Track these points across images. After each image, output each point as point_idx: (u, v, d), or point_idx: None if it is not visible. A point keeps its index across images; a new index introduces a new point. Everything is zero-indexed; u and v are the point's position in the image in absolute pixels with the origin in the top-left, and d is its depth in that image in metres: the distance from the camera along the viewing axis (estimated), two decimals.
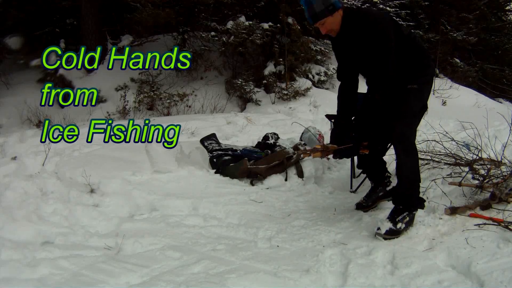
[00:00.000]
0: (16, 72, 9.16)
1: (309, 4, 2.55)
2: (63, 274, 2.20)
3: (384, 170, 3.06)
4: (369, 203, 3.03)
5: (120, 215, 3.05)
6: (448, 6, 12.35)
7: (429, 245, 2.37)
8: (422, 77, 2.64)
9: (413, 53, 2.65)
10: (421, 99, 2.64)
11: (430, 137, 3.92)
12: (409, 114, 2.57)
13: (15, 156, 3.76)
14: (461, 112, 6.57)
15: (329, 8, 2.52)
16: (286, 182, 3.86)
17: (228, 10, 9.28)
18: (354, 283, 2.07)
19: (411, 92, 2.58)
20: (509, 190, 2.68)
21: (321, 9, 2.52)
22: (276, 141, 4.51)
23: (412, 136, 2.60)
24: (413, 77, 2.61)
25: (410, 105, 2.57)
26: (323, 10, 2.52)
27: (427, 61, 2.71)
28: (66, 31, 9.33)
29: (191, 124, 5.45)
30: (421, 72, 2.64)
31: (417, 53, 2.66)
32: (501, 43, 13.18)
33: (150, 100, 7.85)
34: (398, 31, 2.59)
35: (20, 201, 3.01)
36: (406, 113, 2.56)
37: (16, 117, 7.55)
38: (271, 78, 8.49)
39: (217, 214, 3.13)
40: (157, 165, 3.75)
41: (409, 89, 2.58)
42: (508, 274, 1.94)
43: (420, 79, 2.63)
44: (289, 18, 8.38)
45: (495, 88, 12.27)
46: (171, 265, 2.31)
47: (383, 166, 3.06)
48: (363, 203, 3.03)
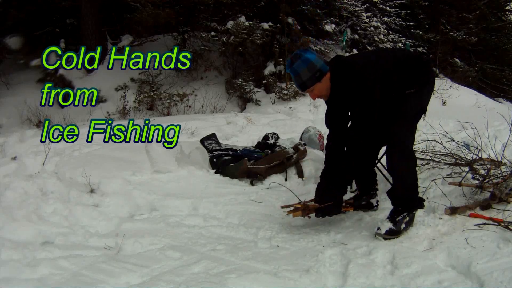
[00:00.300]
0: (16, 72, 9.16)
1: (296, 73, 2.49)
2: (63, 274, 2.21)
3: (374, 182, 3.03)
4: None
5: (120, 215, 3.05)
6: (448, 6, 12.36)
7: (429, 245, 2.37)
8: (420, 81, 2.58)
9: (410, 67, 2.57)
10: (419, 102, 2.59)
11: (430, 137, 3.92)
12: (406, 119, 2.54)
13: (15, 156, 3.76)
14: (461, 112, 6.56)
15: (316, 75, 2.47)
16: (286, 182, 3.86)
17: (228, 10, 9.28)
18: (354, 283, 2.07)
19: (409, 96, 2.53)
20: (509, 190, 2.68)
21: (308, 77, 2.47)
22: (276, 141, 4.51)
23: (408, 140, 2.56)
24: (411, 83, 2.55)
25: (407, 109, 2.53)
26: (311, 77, 2.47)
27: (425, 68, 2.63)
28: (66, 31, 9.33)
29: (191, 124, 5.45)
30: (419, 77, 2.57)
31: (414, 65, 2.59)
32: (501, 43, 13.19)
33: (150, 100, 7.85)
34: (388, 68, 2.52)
35: (20, 201, 3.01)
36: (403, 117, 2.52)
37: (16, 117, 7.55)
38: (271, 78, 8.50)
39: (217, 214, 3.13)
40: (157, 165, 3.75)
41: (407, 94, 2.53)
42: (508, 274, 1.94)
43: (418, 83, 2.56)
44: (289, 18, 8.38)
45: (495, 88, 12.28)
46: (171, 265, 2.31)
47: (373, 177, 3.04)
48: None
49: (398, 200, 2.58)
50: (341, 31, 10.26)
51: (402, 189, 2.55)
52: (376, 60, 2.58)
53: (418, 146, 3.79)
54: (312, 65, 2.47)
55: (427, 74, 2.61)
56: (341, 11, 10.38)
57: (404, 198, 2.56)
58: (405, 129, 2.53)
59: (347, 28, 10.61)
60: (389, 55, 2.73)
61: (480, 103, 7.60)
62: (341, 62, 2.56)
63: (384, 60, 2.59)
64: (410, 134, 2.58)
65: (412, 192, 2.57)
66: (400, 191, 2.56)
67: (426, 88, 2.61)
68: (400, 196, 2.57)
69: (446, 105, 7.72)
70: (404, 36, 11.64)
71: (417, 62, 2.62)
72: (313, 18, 9.07)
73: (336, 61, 2.59)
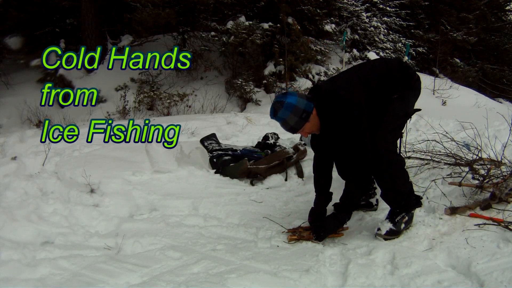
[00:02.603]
0: (16, 72, 9.17)
1: (282, 120, 2.45)
2: (63, 274, 2.21)
3: (371, 182, 3.03)
4: None
5: (120, 215, 3.05)
6: (448, 6, 12.37)
7: (429, 245, 2.37)
8: (405, 85, 2.55)
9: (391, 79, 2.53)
10: (403, 107, 2.53)
11: (430, 137, 3.92)
12: (389, 123, 2.48)
13: (15, 156, 3.76)
14: (461, 112, 6.56)
15: (302, 116, 2.42)
16: (286, 182, 3.86)
17: (228, 10, 9.29)
18: (354, 283, 2.07)
19: (394, 101, 2.49)
20: (509, 190, 2.68)
21: (295, 121, 2.43)
22: (276, 141, 4.51)
23: (391, 146, 2.51)
24: (395, 89, 2.51)
25: (391, 114, 2.48)
26: (298, 121, 2.43)
27: (409, 72, 2.60)
28: (66, 31, 9.34)
29: (191, 124, 5.44)
30: (402, 83, 2.54)
31: (395, 76, 2.54)
32: (501, 43, 13.21)
33: (150, 100, 7.86)
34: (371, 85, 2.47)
35: (20, 201, 3.01)
36: (387, 122, 2.47)
37: (16, 117, 7.56)
38: (271, 78, 8.50)
39: (217, 214, 3.13)
40: (157, 165, 3.75)
41: (392, 99, 2.50)
42: (508, 274, 1.94)
43: (402, 88, 2.53)
44: (289, 18, 8.39)
45: (495, 88, 12.28)
46: (171, 265, 2.31)
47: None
48: None
49: (392, 203, 2.57)
50: (341, 31, 10.27)
51: (392, 193, 2.53)
52: (358, 80, 2.50)
53: (418, 146, 3.79)
54: (296, 108, 2.41)
55: (410, 79, 2.57)
56: (341, 11, 10.39)
57: (397, 201, 2.54)
58: (388, 134, 2.48)
59: (347, 28, 10.62)
60: (370, 71, 2.63)
61: (480, 103, 7.60)
62: (324, 93, 2.49)
63: (365, 78, 2.52)
64: (392, 138, 2.54)
65: (404, 194, 2.53)
66: (391, 196, 2.54)
67: (411, 92, 2.58)
68: (392, 200, 2.56)
69: (446, 105, 7.73)
70: (404, 36, 11.64)
71: (400, 71, 2.57)
72: (313, 18, 9.08)
73: (318, 93, 2.51)
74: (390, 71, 2.56)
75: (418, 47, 11.65)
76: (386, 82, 2.52)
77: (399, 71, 2.57)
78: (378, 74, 2.55)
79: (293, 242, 2.59)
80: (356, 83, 2.48)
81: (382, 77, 2.53)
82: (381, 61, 2.91)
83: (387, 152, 2.45)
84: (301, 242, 2.59)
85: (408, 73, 2.59)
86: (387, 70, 2.56)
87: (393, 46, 11.04)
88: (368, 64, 3.03)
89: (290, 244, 2.57)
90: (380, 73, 2.56)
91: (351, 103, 2.39)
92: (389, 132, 2.49)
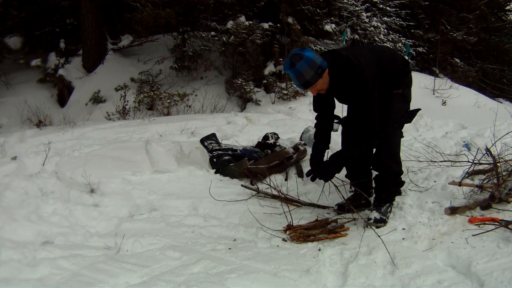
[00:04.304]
0: (16, 72, 9.16)
1: (298, 72, 2.49)
2: (63, 274, 2.21)
3: (370, 181, 3.08)
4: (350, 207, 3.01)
5: (120, 215, 3.05)
6: (448, 6, 12.36)
7: (429, 245, 2.37)
8: (405, 82, 2.75)
9: (396, 67, 2.73)
10: (405, 105, 2.77)
11: (429, 137, 3.92)
12: (396, 122, 2.71)
13: (15, 156, 3.77)
14: (461, 112, 6.56)
15: (318, 72, 2.49)
16: (286, 182, 3.86)
17: (228, 10, 9.28)
18: (354, 283, 2.07)
19: (396, 97, 2.69)
20: (509, 190, 2.68)
21: (311, 75, 2.49)
22: (276, 141, 4.50)
23: (397, 145, 2.79)
24: (397, 83, 2.71)
25: (395, 109, 2.69)
26: (314, 75, 2.49)
27: (407, 68, 2.80)
28: (66, 31, 9.33)
29: (191, 124, 5.44)
30: (403, 78, 2.74)
31: (399, 65, 2.74)
32: (501, 43, 13.18)
33: (150, 100, 7.85)
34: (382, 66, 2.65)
35: (20, 201, 3.01)
36: (392, 117, 2.67)
37: (16, 117, 7.55)
38: (271, 78, 8.49)
39: (217, 214, 3.13)
40: (157, 165, 3.75)
41: (394, 93, 2.69)
42: (508, 274, 1.94)
43: (403, 84, 2.74)
44: (289, 18, 8.38)
45: (495, 88, 12.27)
46: (171, 265, 2.31)
47: (369, 176, 3.08)
48: (346, 206, 3.01)
49: (383, 192, 2.83)
50: (341, 31, 10.25)
51: (388, 184, 2.82)
52: (375, 58, 2.67)
53: (418, 146, 3.79)
54: (313, 63, 2.48)
55: (409, 76, 2.79)
56: (341, 11, 10.37)
57: (389, 192, 2.84)
58: (395, 132, 2.74)
59: (347, 28, 10.61)
60: (383, 53, 2.80)
61: (480, 103, 7.59)
62: (341, 59, 2.58)
63: (379, 58, 2.69)
64: (398, 137, 2.80)
65: (395, 188, 2.88)
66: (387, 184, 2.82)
67: (409, 90, 2.78)
68: (385, 190, 2.84)
69: (446, 105, 7.71)
70: (404, 36, 11.64)
71: (403, 62, 2.78)
72: (313, 18, 9.07)
73: (334, 57, 2.61)
74: (395, 61, 2.75)
75: (418, 47, 11.64)
76: (391, 68, 2.70)
77: (402, 64, 2.77)
78: (387, 57, 2.74)
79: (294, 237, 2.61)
80: (371, 57, 2.65)
81: (390, 62, 2.71)
82: (390, 49, 3.07)
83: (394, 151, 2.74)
84: (301, 241, 2.59)
85: (407, 69, 2.79)
86: (394, 58, 2.76)
87: (393, 46, 11.03)
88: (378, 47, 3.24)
89: (290, 244, 2.56)
90: (389, 57, 2.75)
91: (367, 69, 2.53)
92: (396, 131, 2.75)
